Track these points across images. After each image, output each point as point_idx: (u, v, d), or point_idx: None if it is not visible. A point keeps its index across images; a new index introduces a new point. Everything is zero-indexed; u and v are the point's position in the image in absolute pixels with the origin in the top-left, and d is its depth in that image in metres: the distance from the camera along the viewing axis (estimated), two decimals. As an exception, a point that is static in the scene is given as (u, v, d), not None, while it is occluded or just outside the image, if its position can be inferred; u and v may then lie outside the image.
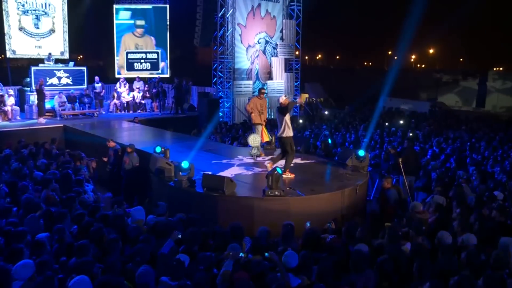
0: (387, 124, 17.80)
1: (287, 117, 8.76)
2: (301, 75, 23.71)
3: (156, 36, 22.02)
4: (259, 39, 21.70)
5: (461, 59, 71.20)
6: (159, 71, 21.76)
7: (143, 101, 19.60)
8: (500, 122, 21.38)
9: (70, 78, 18.63)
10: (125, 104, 19.21)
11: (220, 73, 20.21)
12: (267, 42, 22.08)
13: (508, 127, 18.01)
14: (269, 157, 9.91)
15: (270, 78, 22.32)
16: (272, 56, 22.30)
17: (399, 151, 10.87)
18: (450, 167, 9.89)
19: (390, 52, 75.86)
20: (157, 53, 21.88)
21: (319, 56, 77.50)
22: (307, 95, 31.22)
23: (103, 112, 18.86)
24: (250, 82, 21.26)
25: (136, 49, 21.60)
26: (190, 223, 5.88)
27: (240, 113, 20.71)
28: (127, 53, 21.29)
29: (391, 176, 9.24)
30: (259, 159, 10.15)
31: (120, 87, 19.45)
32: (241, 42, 20.87)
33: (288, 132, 8.67)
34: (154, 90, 19.71)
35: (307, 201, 7.18)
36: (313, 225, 6.14)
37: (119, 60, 21.45)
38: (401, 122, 17.57)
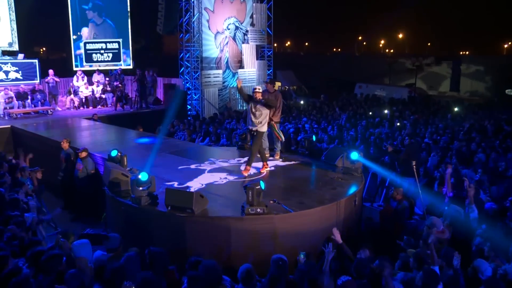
0: (370, 113, 16.70)
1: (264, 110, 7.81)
2: (274, 63, 22.39)
3: (116, 24, 20.17)
4: (228, 24, 20.20)
5: (428, 44, 71.66)
6: (121, 62, 19.98)
7: (103, 96, 17.86)
8: (481, 107, 20.75)
9: (20, 72, 16.72)
10: (83, 100, 17.42)
11: (187, 63, 18.63)
12: (237, 28, 20.60)
13: (489, 112, 17.41)
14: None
15: (241, 66, 20.90)
16: (242, 43, 20.86)
17: (398, 149, 9.72)
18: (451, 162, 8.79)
19: (360, 38, 75.71)
20: (118, 42, 20.03)
21: (288, 43, 76.25)
22: (279, 83, 29.97)
23: (59, 109, 17.04)
24: (220, 71, 19.79)
25: (95, 38, 19.70)
26: (152, 262, 4.51)
27: (210, 105, 19.27)
28: (85, 43, 19.36)
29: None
30: (233, 162, 8.82)
31: (77, 81, 17.62)
32: (209, 29, 19.32)
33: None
34: (115, 83, 17.97)
35: (296, 218, 5.90)
36: (308, 255, 4.87)
37: (78, 51, 19.51)
38: (385, 111, 16.50)
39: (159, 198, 6.31)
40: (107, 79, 18.22)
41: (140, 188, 6.26)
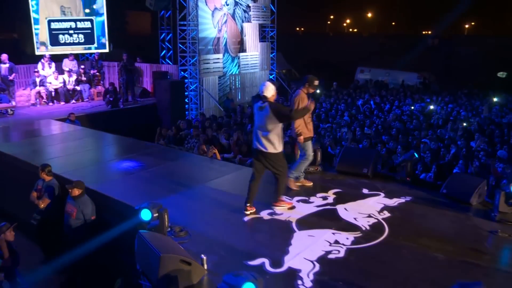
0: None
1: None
2: (277, 45, 19.21)
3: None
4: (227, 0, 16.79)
5: (393, 23, 70.34)
6: (96, 45, 16.20)
7: (78, 88, 14.16)
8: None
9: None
10: (53, 93, 13.68)
11: (182, 46, 15.12)
12: (236, 3, 17.20)
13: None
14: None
15: (242, 49, 17.60)
16: (242, 21, 17.51)
17: None
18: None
19: (332, 17, 73.33)
20: (91, 20, 16.17)
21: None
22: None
23: (14, 104, 13.09)
24: (220, 55, 16.44)
25: (63, 15, 15.72)
26: None
27: (209, 98, 15.94)
28: (49, 21, 15.32)
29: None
30: (318, 200, 5.81)
31: (43, 69, 13.82)
32: (206, 4, 15.82)
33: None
34: (92, 72, 14.33)
35: None
36: None
37: (40, 31, 15.46)
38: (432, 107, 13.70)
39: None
40: (82, 66, 14.50)
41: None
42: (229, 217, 5.37)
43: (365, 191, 6.22)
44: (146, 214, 4.45)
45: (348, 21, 72.78)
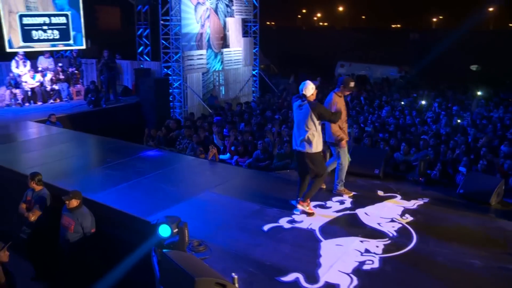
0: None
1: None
2: (260, 40, 18.84)
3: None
4: (210, -7, 16.29)
5: (363, 17, 71.20)
6: (71, 41, 15.41)
7: (56, 87, 13.42)
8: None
9: None
10: (29, 93, 12.90)
11: (164, 42, 14.55)
12: (218, -2, 16.72)
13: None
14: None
15: (225, 45, 17.15)
16: (225, 16, 17.05)
17: None
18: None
19: (304, 11, 73.48)
20: (66, 16, 15.37)
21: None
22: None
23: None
24: (203, 51, 15.94)
25: (28, 10, 14.83)
26: None
27: (193, 95, 15.45)
28: (20, 16, 14.45)
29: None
30: (335, 204, 5.54)
31: (17, 67, 13.01)
32: (188, -2, 15.29)
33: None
34: (71, 70, 13.61)
35: None
36: None
37: (9, 25, 14.53)
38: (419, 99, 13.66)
39: None
40: (60, 64, 13.75)
41: None
42: (245, 226, 5.03)
43: (380, 193, 6.00)
44: (165, 230, 4.04)
45: (319, 15, 73.14)
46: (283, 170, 7.76)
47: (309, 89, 5.15)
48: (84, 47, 15.80)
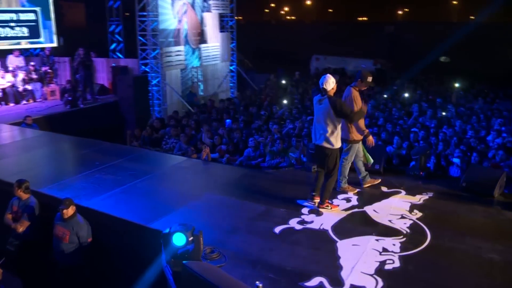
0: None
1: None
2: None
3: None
4: (186, -12, 15.89)
5: (330, 10, 71.74)
6: (42, 39, 14.74)
7: (28, 87, 12.79)
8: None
9: None
10: (0, 94, 12.24)
11: (142, 38, 14.08)
12: (195, -8, 16.34)
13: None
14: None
15: (203, 40, 16.81)
16: (202, 11, 16.70)
17: None
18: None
19: (273, 5, 73.32)
20: (35, 12, 14.67)
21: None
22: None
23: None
24: (181, 48, 15.57)
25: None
26: None
27: (172, 93, 15.07)
28: (-14, 12, 13.73)
29: None
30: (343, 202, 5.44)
31: (-15, 67, 12.34)
32: (165, -7, 14.85)
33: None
34: (44, 69, 13.00)
35: None
36: None
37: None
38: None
39: None
40: (32, 63, 13.11)
41: None
42: (255, 229, 4.85)
43: (384, 189, 5.93)
44: (179, 239, 3.81)
45: (286, 8, 73.11)
46: (277, 168, 7.62)
47: (330, 83, 5.02)
48: (55, 45, 15.17)
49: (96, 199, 5.73)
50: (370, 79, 5.59)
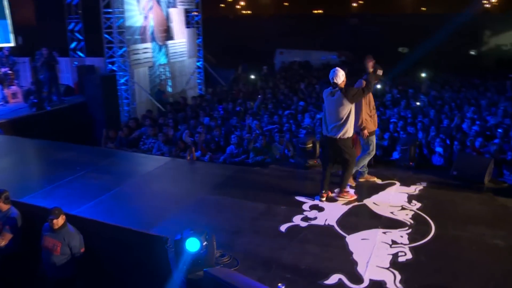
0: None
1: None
2: (203, 30, 18.27)
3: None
4: (151, -18, 15.41)
5: (286, 4, 72.27)
6: (-1, 39, 13.93)
7: (-13, 90, 12.03)
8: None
9: None
10: (-43, 99, 11.46)
11: (108, 36, 13.55)
12: (160, -13, 15.89)
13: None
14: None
15: (169, 37, 16.40)
16: (168, 7, 16.28)
17: None
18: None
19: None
20: (-12, 10, 13.85)
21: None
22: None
23: None
24: (149, 45, 15.12)
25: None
26: None
27: (141, 91, 14.63)
28: None
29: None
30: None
31: None
32: (130, -11, 14.34)
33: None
34: (3, 70, 12.26)
35: None
36: None
37: None
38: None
39: None
40: (-10, 65, 12.34)
41: None
42: (260, 228, 4.75)
43: (378, 181, 5.96)
44: (193, 244, 3.65)
45: (242, 3, 72.84)
46: (263, 165, 7.52)
47: (340, 76, 5.11)
48: (13, 44, 14.37)
49: (85, 206, 5.45)
50: (380, 72, 5.63)
